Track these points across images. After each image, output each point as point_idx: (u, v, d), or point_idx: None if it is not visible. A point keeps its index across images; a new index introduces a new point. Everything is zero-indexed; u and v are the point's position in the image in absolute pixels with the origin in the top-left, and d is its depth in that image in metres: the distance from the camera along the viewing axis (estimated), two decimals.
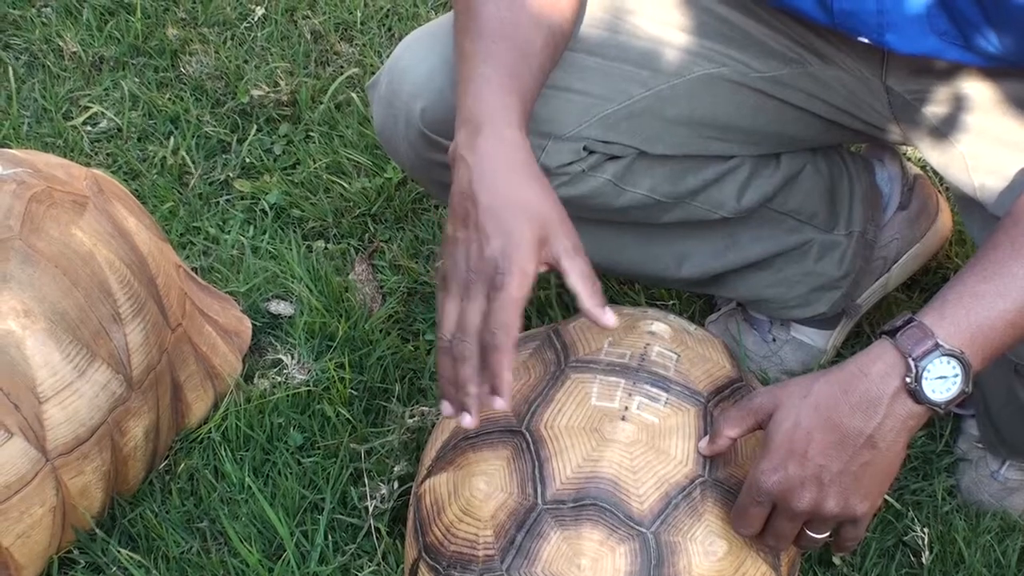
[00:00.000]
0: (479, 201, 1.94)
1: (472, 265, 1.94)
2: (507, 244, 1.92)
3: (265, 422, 2.51)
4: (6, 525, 2.17)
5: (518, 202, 1.96)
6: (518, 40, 2.09)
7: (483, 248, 1.92)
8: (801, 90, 2.37)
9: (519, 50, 2.09)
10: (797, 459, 1.90)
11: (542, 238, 1.95)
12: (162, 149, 3.06)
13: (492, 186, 1.96)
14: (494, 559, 2.06)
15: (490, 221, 1.94)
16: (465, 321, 1.93)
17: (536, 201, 1.98)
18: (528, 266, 1.93)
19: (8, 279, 2.17)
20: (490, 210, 1.94)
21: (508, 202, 1.95)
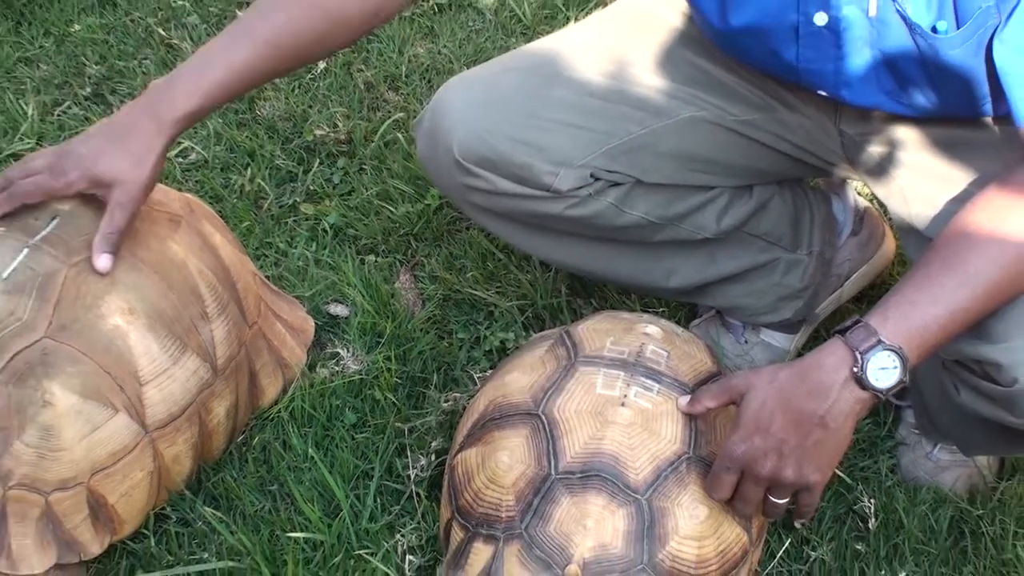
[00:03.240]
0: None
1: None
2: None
3: (325, 404, 2.51)
4: (111, 486, 2.17)
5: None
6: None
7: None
8: (769, 132, 2.37)
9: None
10: (762, 433, 1.94)
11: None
12: (241, 178, 3.06)
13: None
14: (515, 520, 2.06)
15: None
16: None
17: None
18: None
19: (116, 283, 2.17)
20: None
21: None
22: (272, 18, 2.17)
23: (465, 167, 2.30)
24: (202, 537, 2.29)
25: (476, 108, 2.30)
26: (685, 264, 2.50)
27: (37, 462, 2.11)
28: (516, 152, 2.28)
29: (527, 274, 2.79)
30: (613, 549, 2.01)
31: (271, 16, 2.17)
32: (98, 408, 2.13)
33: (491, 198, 2.34)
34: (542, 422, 2.11)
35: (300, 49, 2.21)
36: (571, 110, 2.31)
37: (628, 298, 2.75)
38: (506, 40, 3.58)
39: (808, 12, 2.06)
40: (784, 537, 2.32)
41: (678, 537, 2.02)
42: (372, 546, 2.26)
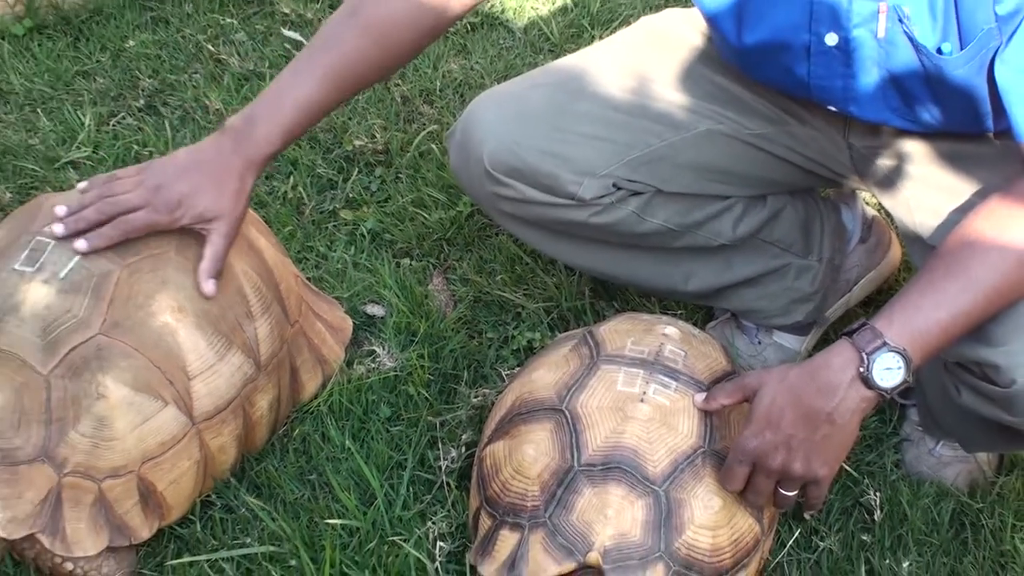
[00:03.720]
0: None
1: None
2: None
3: (362, 399, 2.51)
4: (160, 474, 2.18)
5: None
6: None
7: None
8: (782, 144, 2.37)
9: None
10: (772, 428, 1.96)
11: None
12: (284, 185, 3.06)
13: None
14: (539, 508, 2.06)
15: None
16: None
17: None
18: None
19: (166, 282, 2.18)
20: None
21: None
22: (335, 51, 2.22)
23: (495, 177, 2.31)
24: (245, 523, 2.29)
25: (505, 121, 2.31)
26: (702, 269, 2.50)
27: (91, 451, 2.12)
28: (543, 163, 2.29)
29: (553, 277, 2.79)
30: (632, 537, 2.01)
31: (335, 49, 2.22)
32: (148, 400, 2.14)
33: (519, 206, 2.35)
34: (566, 417, 2.11)
35: (358, 78, 2.26)
36: (595, 123, 2.32)
37: (648, 301, 2.75)
38: (534, 57, 3.58)
39: (820, 32, 2.06)
40: (794, 527, 2.31)
41: (694, 526, 2.03)
42: (405, 532, 2.26)
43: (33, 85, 3.39)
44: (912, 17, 1.97)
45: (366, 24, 2.22)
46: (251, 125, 2.19)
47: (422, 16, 2.24)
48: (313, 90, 2.20)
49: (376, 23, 2.22)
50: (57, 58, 3.50)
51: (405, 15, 2.23)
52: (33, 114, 3.29)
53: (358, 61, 2.23)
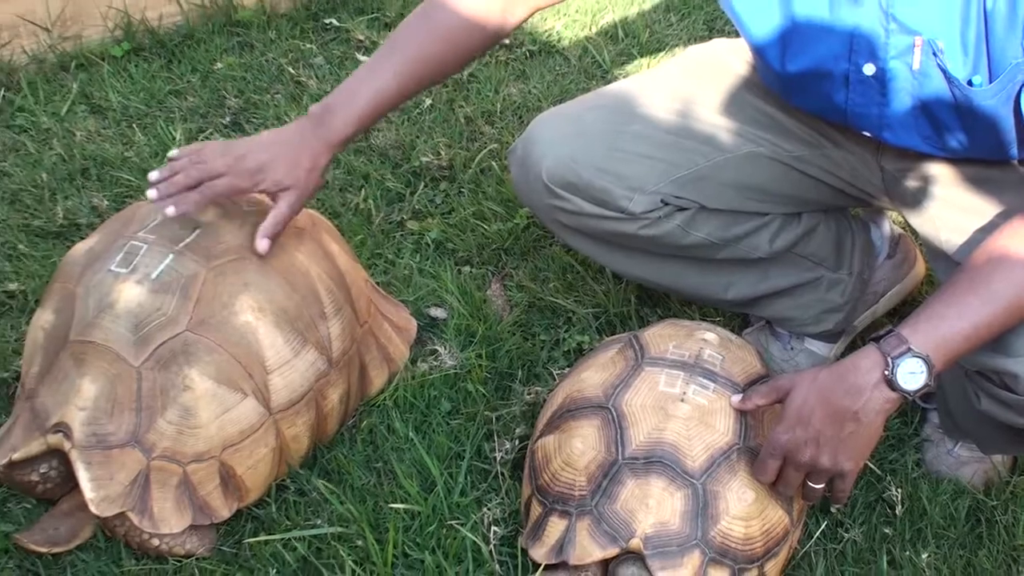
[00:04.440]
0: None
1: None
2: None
3: (424, 394, 2.51)
4: (240, 459, 2.19)
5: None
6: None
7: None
8: (818, 166, 2.36)
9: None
10: (803, 425, 1.96)
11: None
12: (356, 197, 3.07)
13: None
14: (586, 498, 2.06)
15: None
16: None
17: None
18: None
19: (248, 285, 2.19)
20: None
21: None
22: (407, 50, 2.25)
23: (553, 191, 2.31)
24: (316, 506, 2.29)
25: (563, 140, 2.31)
26: (741, 279, 2.49)
27: (177, 437, 2.13)
28: (597, 179, 2.29)
29: (601, 285, 2.78)
30: (671, 526, 2.01)
31: (406, 49, 2.25)
32: (230, 392, 2.15)
33: (574, 218, 2.34)
34: (612, 414, 2.10)
35: (427, 76, 2.30)
36: (645, 143, 2.31)
37: (689, 308, 2.74)
38: (588, 83, 3.58)
39: (858, 63, 2.05)
40: (821, 519, 2.30)
41: (728, 517, 2.02)
42: (462, 517, 2.26)
43: (129, 102, 3.41)
44: (945, 51, 1.97)
45: (436, 28, 2.27)
46: (329, 112, 2.22)
47: (486, 24, 2.28)
48: (386, 83, 2.24)
49: (445, 27, 2.27)
50: (152, 78, 3.52)
51: (471, 22, 2.27)
52: (129, 129, 3.31)
53: (428, 60, 2.27)
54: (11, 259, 2.83)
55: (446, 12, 2.27)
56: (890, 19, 1.99)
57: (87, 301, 2.18)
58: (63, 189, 3.07)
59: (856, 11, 2.01)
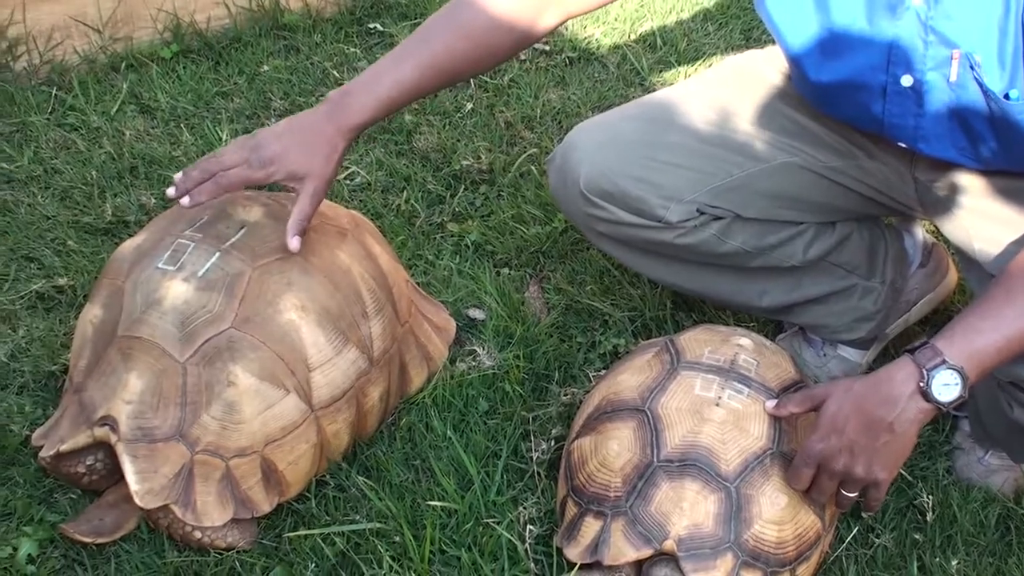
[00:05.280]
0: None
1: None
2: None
3: (463, 393, 2.50)
4: (281, 455, 2.19)
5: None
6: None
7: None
8: (852, 176, 2.35)
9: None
10: (837, 434, 1.94)
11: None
12: (398, 199, 3.07)
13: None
14: (621, 499, 2.06)
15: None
16: None
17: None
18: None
19: (291, 284, 2.19)
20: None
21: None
22: (433, 44, 2.21)
23: (590, 199, 2.31)
24: (355, 502, 2.29)
25: (600, 149, 2.31)
26: (775, 287, 2.48)
27: (220, 432, 2.13)
28: (633, 188, 2.28)
29: (638, 289, 2.77)
30: (705, 528, 2.00)
31: (432, 43, 2.21)
32: (273, 389, 2.15)
33: (611, 226, 2.34)
34: (647, 417, 2.10)
35: (455, 72, 2.26)
36: (681, 153, 2.31)
37: (723, 314, 2.72)
38: (626, 90, 3.57)
39: (896, 74, 2.04)
40: (852, 525, 2.28)
41: (761, 521, 2.01)
42: (498, 516, 2.26)
43: (177, 103, 3.42)
44: (982, 64, 1.95)
45: (463, 25, 2.23)
46: (347, 96, 2.19)
47: (514, 25, 2.24)
48: (409, 74, 2.20)
49: (473, 26, 2.23)
50: (199, 80, 3.53)
51: (499, 22, 2.23)
52: (177, 129, 3.32)
53: (453, 57, 2.23)
54: (60, 255, 2.84)
55: (475, 10, 2.23)
56: (929, 31, 1.97)
57: (135, 297, 2.19)
58: (112, 187, 3.08)
59: (895, 23, 2.00)
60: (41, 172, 3.12)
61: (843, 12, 2.05)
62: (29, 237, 2.90)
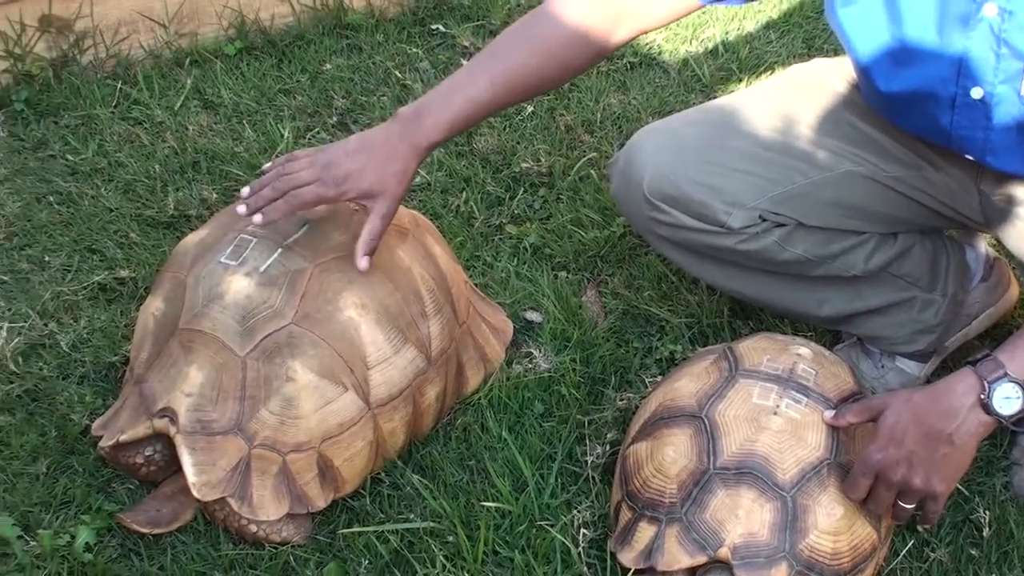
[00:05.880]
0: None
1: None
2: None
3: (518, 395, 2.50)
4: (338, 451, 2.19)
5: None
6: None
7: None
8: (916, 188, 2.34)
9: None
10: (896, 445, 1.94)
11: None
12: (457, 200, 3.07)
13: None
14: (676, 505, 2.05)
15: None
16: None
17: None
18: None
19: (352, 282, 2.19)
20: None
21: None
22: (506, 60, 2.21)
23: (652, 203, 2.30)
24: (409, 500, 2.30)
25: (664, 153, 2.30)
26: (835, 296, 2.46)
27: (278, 427, 2.14)
28: (697, 193, 2.27)
29: (695, 296, 2.76)
30: (760, 537, 1.99)
31: (505, 58, 2.21)
32: (331, 386, 2.16)
33: (673, 231, 2.33)
34: (704, 424, 2.09)
35: (529, 87, 2.26)
36: (745, 159, 2.30)
37: (781, 322, 2.71)
38: (686, 96, 3.56)
39: (966, 86, 2.02)
40: (908, 538, 2.26)
41: (817, 531, 1.99)
42: (552, 519, 2.25)
43: (240, 99, 3.44)
44: None
45: (537, 40, 2.23)
46: (420, 115, 2.19)
47: (588, 40, 2.24)
48: (482, 90, 2.19)
49: (546, 41, 2.23)
50: (262, 76, 3.55)
51: (572, 37, 2.22)
52: (239, 125, 3.33)
53: (526, 72, 2.22)
54: (123, 247, 2.86)
55: (549, 25, 2.23)
56: (1002, 44, 1.96)
57: (197, 291, 2.20)
58: (174, 181, 3.10)
59: (967, 35, 1.98)
60: (105, 165, 3.15)
61: (915, 23, 2.04)
62: (92, 229, 2.92)
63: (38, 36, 3.39)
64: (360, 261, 2.18)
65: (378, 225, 2.18)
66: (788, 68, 2.54)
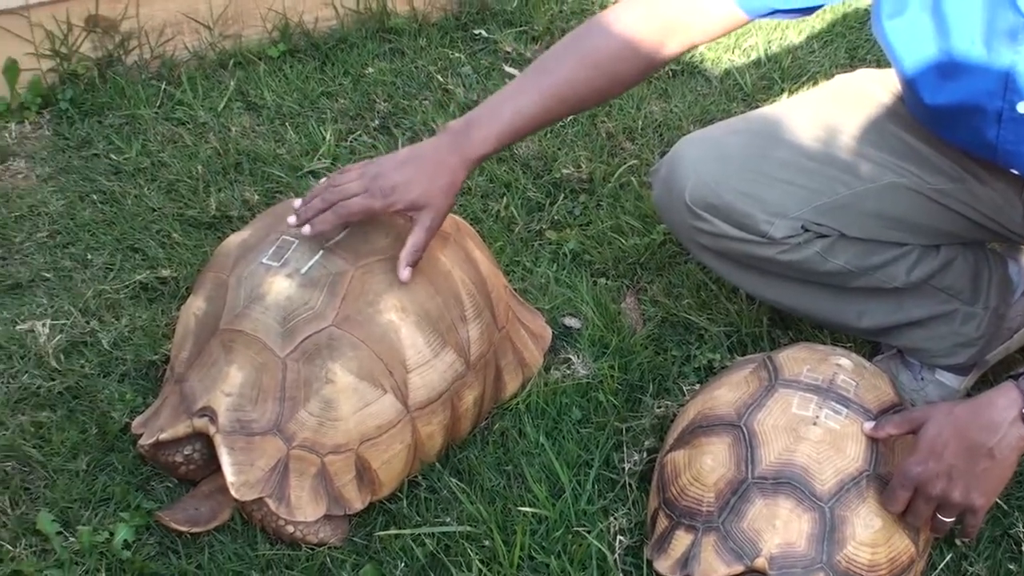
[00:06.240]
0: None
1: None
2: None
3: (556, 401, 2.50)
4: (376, 454, 2.20)
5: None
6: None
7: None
8: (960, 200, 2.32)
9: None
10: (936, 457, 1.93)
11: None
12: (498, 205, 3.07)
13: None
14: (713, 514, 2.05)
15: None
16: None
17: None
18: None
19: (393, 285, 2.20)
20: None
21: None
22: (556, 73, 2.21)
23: (694, 211, 2.30)
24: (446, 504, 2.30)
25: (707, 162, 2.30)
26: (876, 308, 2.46)
27: (317, 428, 2.15)
28: (739, 202, 2.27)
29: (734, 305, 2.76)
30: (797, 548, 1.99)
31: (556, 72, 2.21)
32: (370, 388, 2.16)
33: (714, 239, 2.33)
34: (743, 433, 2.09)
35: (578, 101, 2.26)
36: (788, 169, 2.29)
37: (821, 332, 2.70)
38: (728, 105, 3.55)
39: (1012, 100, 2.02)
40: (946, 552, 2.25)
41: (854, 542, 1.99)
42: (588, 525, 2.25)
43: (283, 101, 3.45)
44: None
45: (587, 54, 2.23)
46: (470, 127, 2.20)
47: (638, 53, 2.24)
48: (532, 104, 2.20)
49: (596, 54, 2.23)
50: (305, 79, 3.56)
51: (623, 50, 2.23)
52: (282, 127, 3.35)
53: (575, 86, 2.22)
54: (164, 246, 2.88)
55: (599, 38, 2.24)
56: None
57: (238, 291, 2.21)
58: (216, 182, 3.11)
59: (1015, 49, 1.98)
60: (148, 164, 3.17)
61: (962, 36, 2.03)
62: (135, 228, 2.94)
63: (84, 36, 3.41)
64: (402, 272, 2.19)
65: (422, 237, 2.19)
66: (832, 78, 2.54)
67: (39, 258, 2.84)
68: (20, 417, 2.41)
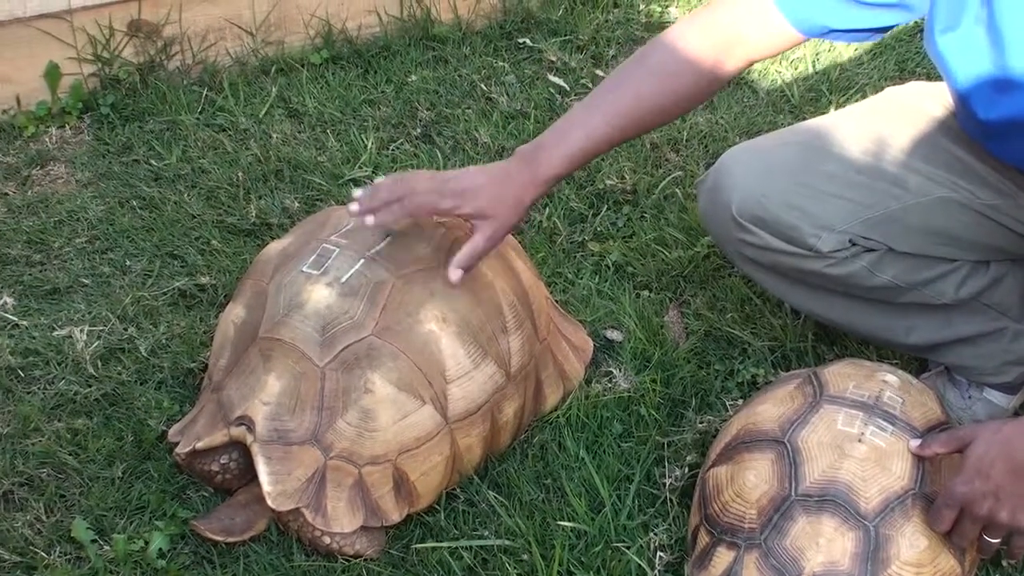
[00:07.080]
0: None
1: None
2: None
3: (597, 414, 2.50)
4: (414, 465, 2.20)
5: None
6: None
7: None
8: (1011, 216, 2.31)
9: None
10: (983, 478, 1.91)
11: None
12: (540, 215, 3.07)
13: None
14: (755, 531, 2.04)
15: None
16: None
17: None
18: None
19: (433, 295, 2.20)
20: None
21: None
22: (620, 93, 2.22)
23: (741, 224, 2.29)
24: (484, 517, 2.30)
25: (754, 174, 2.29)
26: (923, 324, 2.44)
27: (355, 439, 2.15)
28: (786, 215, 2.26)
29: (779, 319, 2.75)
30: (840, 567, 1.97)
31: (621, 92, 2.22)
32: (409, 399, 2.16)
33: (760, 252, 2.32)
34: (787, 449, 2.07)
35: (645, 120, 2.26)
36: (837, 182, 2.28)
37: (866, 348, 2.69)
38: (775, 116, 3.54)
39: None
40: (992, 573, 2.23)
41: (899, 562, 1.97)
42: (628, 540, 2.25)
43: (325, 108, 3.47)
44: None
45: (652, 72, 2.24)
46: (539, 149, 2.21)
47: (700, 70, 2.23)
48: (599, 124, 2.21)
49: (661, 72, 2.23)
50: (348, 86, 3.58)
51: (685, 66, 2.23)
52: (323, 134, 3.36)
53: (640, 105, 2.23)
54: (204, 253, 2.89)
55: (662, 55, 2.24)
56: None
57: (278, 299, 2.22)
58: (257, 189, 3.13)
59: None
60: (189, 171, 3.19)
61: (1018, 52, 2.01)
62: (174, 235, 2.95)
63: (126, 41, 3.44)
64: (452, 272, 2.20)
65: (482, 245, 2.20)
66: (883, 91, 2.53)
67: (78, 264, 2.86)
68: (56, 424, 2.42)
